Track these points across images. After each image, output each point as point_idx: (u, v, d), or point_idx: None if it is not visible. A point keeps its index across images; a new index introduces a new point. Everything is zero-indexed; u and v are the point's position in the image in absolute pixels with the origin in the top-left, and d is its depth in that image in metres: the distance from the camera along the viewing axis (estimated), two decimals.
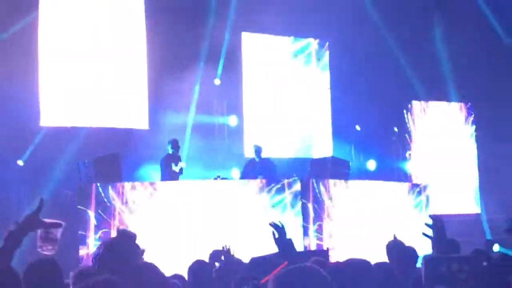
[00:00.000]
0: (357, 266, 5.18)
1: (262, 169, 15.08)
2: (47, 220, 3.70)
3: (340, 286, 3.73)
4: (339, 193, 14.20)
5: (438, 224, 4.62)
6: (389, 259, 6.26)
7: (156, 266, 3.94)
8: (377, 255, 6.37)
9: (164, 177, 14.43)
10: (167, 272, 6.97)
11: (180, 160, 14.78)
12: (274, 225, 4.86)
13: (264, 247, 6.86)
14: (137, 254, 4.17)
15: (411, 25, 18.91)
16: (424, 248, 8.19)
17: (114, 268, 3.83)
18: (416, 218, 14.85)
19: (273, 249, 5.14)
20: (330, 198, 14.06)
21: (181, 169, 14.59)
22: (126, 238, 4.19)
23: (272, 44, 18.80)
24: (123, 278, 3.56)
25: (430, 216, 4.62)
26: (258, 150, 15.59)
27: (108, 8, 16.90)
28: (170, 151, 14.81)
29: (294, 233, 13.22)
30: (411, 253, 5.91)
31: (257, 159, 15.52)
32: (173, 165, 14.51)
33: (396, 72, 19.14)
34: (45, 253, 3.79)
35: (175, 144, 14.88)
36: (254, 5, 17.06)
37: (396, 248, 6.04)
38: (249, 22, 17.91)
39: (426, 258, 3.68)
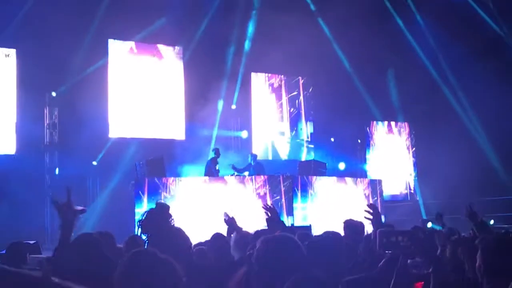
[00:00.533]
0: (331, 235, 5.24)
1: (256, 169, 14.79)
2: (78, 208, 3.40)
3: (319, 250, 3.87)
4: (319, 186, 14.22)
5: (375, 210, 4.63)
6: (345, 231, 6.33)
7: (182, 230, 3.78)
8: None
9: (207, 174, 14.24)
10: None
11: (218, 163, 14.53)
12: (266, 207, 4.81)
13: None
14: (168, 220, 3.97)
15: (371, 66, 18.83)
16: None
17: (150, 230, 3.75)
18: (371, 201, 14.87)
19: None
20: (313, 189, 14.10)
21: (218, 169, 14.41)
22: (161, 208, 4.04)
23: (271, 80, 18.78)
24: (157, 237, 3.52)
25: (368, 205, 4.60)
26: (254, 157, 15.41)
27: (157, 55, 16.98)
28: (213, 156, 14.60)
29: (287, 213, 13.35)
30: (360, 227, 5.94)
31: (252, 163, 15.14)
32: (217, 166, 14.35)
33: (360, 100, 19.08)
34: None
35: (217, 152, 14.68)
36: (259, 53, 17.07)
37: (350, 223, 6.07)
38: (256, 64, 17.87)
39: (379, 232, 3.60)
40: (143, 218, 3.95)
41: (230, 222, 5.50)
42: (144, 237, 3.64)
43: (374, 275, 3.36)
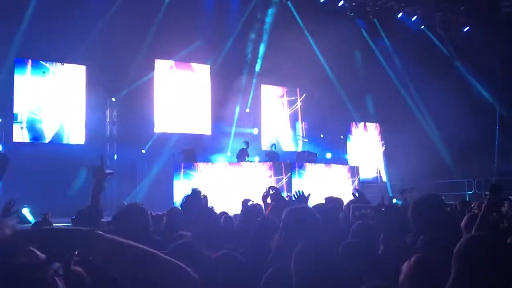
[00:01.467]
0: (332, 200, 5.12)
1: (273, 156, 14.73)
2: (108, 171, 3.24)
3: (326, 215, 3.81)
4: (311, 170, 14.24)
5: (359, 192, 4.62)
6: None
7: (212, 209, 3.73)
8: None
9: (239, 159, 14.10)
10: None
11: (248, 154, 14.27)
12: (271, 188, 4.63)
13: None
14: (200, 201, 3.87)
15: (352, 79, 18.80)
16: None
17: (188, 210, 3.68)
18: (349, 185, 14.88)
19: None
20: (306, 173, 14.14)
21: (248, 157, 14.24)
22: (194, 193, 3.92)
23: (276, 90, 18.78)
24: (192, 215, 3.44)
25: (353, 189, 4.59)
26: (274, 145, 15.44)
27: (191, 72, 16.96)
28: (244, 147, 14.48)
29: (287, 191, 13.36)
30: (339, 201, 5.86)
31: (274, 150, 15.15)
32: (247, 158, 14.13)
33: (343, 105, 19.07)
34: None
35: (247, 144, 14.60)
36: (268, 70, 17.08)
37: (330, 199, 5.97)
38: (265, 78, 17.80)
39: (352, 206, 3.55)
40: (183, 202, 3.92)
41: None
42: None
43: (362, 241, 3.34)
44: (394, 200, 14.27)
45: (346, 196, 8.32)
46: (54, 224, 7.13)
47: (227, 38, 17.08)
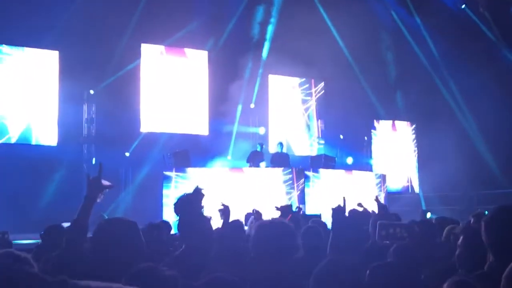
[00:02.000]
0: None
1: (282, 159, 14.68)
2: (106, 183, 3.21)
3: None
4: (328, 177, 14.18)
5: (379, 203, 4.59)
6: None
7: (209, 220, 3.67)
8: None
9: (249, 161, 14.19)
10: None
11: (263, 158, 14.36)
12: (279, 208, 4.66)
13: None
14: (200, 207, 3.71)
15: (377, 69, 18.77)
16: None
17: (182, 212, 3.59)
18: (376, 193, 14.79)
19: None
20: (324, 180, 14.07)
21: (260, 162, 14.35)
22: (197, 194, 3.76)
23: (286, 81, 18.72)
24: (186, 221, 3.43)
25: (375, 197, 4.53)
26: (281, 145, 15.26)
27: (185, 59, 16.95)
28: (258, 149, 14.56)
29: (299, 202, 13.30)
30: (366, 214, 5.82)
31: (281, 151, 15.09)
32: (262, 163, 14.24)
33: (367, 100, 19.00)
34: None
35: (261, 146, 14.67)
36: (276, 57, 17.04)
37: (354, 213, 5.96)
38: (273, 67, 17.81)
39: (379, 224, 3.59)
40: (179, 200, 3.82)
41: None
42: (176, 217, 3.57)
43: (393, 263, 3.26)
44: (429, 215, 14.26)
45: (370, 209, 8.26)
46: (16, 242, 7.09)
47: (228, 19, 17.10)
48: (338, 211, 4.30)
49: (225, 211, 5.03)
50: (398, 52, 19.16)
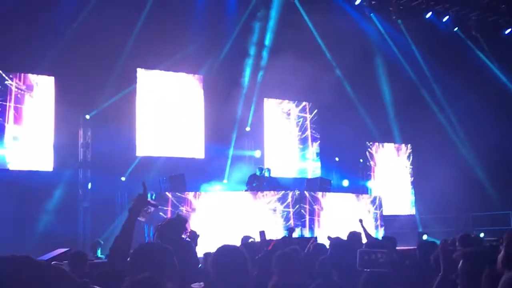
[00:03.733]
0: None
1: (270, 184, 14.76)
2: (151, 201, 3.43)
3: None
4: (324, 201, 14.22)
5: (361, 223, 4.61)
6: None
7: (191, 245, 3.64)
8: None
9: (248, 186, 14.32)
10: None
11: (263, 180, 14.46)
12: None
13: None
14: (181, 233, 3.80)
15: (371, 92, 18.86)
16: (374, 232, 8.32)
17: (163, 237, 3.61)
18: (371, 218, 14.83)
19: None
20: (319, 204, 14.09)
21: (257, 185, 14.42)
22: (179, 220, 3.90)
23: (282, 105, 18.77)
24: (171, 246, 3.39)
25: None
26: (268, 171, 15.24)
27: (180, 84, 17.05)
28: (258, 173, 14.65)
29: (295, 225, 13.32)
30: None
31: (267, 175, 15.03)
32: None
33: (362, 123, 19.06)
34: (141, 219, 3.53)
35: (261, 170, 14.75)
36: (271, 81, 17.15)
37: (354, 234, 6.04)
38: (269, 90, 17.87)
39: (360, 251, 3.55)
40: (161, 224, 3.82)
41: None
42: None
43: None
44: (425, 237, 14.26)
45: (368, 229, 8.33)
46: None
47: (223, 43, 17.24)
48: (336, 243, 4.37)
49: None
50: (393, 75, 19.31)
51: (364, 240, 7.60)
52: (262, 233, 6.90)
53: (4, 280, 1.49)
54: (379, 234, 14.62)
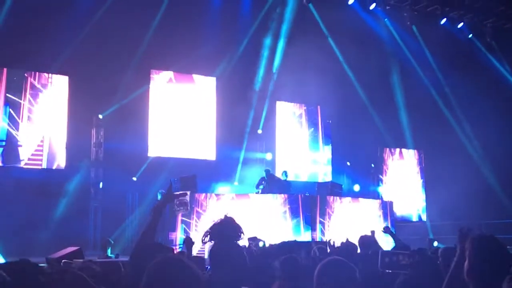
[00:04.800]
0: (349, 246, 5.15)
1: (284, 187, 14.72)
2: (177, 193, 3.58)
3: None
4: (335, 205, 14.19)
5: (388, 231, 4.62)
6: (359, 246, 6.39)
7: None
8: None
9: (257, 188, 14.37)
10: None
11: (263, 183, 14.50)
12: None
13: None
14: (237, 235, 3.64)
15: (384, 98, 18.82)
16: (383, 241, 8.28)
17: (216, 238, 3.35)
18: (381, 223, 14.76)
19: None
20: (330, 208, 14.06)
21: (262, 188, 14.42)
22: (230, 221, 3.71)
23: (294, 108, 18.73)
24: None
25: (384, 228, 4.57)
26: (285, 174, 15.27)
27: (193, 85, 17.07)
28: (264, 176, 14.73)
29: (305, 229, 13.31)
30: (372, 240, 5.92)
31: (284, 178, 15.11)
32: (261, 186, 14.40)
33: (374, 128, 18.99)
34: (181, 212, 3.65)
35: (267, 172, 14.83)
36: (284, 84, 17.17)
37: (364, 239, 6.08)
38: (282, 93, 17.87)
39: (381, 252, 3.60)
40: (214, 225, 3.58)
41: None
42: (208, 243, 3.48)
43: None
44: (436, 244, 14.17)
45: (377, 236, 8.28)
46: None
47: (237, 45, 17.27)
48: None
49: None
50: (406, 80, 19.26)
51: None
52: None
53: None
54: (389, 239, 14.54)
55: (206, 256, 6.59)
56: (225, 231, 3.45)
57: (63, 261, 6.65)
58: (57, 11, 13.95)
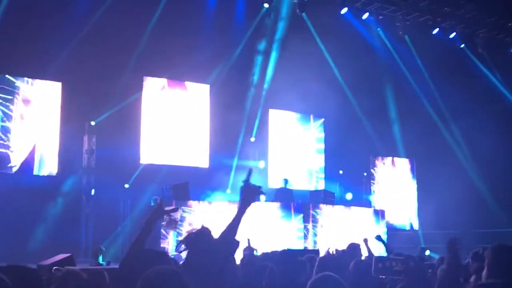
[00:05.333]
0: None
1: (286, 195, 14.78)
2: (167, 208, 3.48)
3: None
4: (327, 213, 14.17)
5: (380, 239, 4.65)
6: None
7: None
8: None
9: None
10: None
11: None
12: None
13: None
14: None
15: (376, 106, 18.88)
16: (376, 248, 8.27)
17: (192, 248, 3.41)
18: (375, 231, 14.75)
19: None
20: (322, 216, 14.04)
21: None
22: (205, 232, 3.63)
23: (287, 115, 18.74)
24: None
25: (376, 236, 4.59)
26: (286, 181, 15.30)
27: (186, 92, 17.05)
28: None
29: (297, 237, 13.28)
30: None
31: (284, 187, 15.13)
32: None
33: (366, 137, 19.04)
34: (170, 230, 3.57)
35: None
36: (277, 92, 17.18)
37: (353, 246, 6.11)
38: (275, 101, 17.92)
39: (375, 257, 3.61)
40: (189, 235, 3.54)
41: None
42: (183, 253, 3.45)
43: None
44: (428, 252, 14.18)
45: (370, 242, 8.27)
46: None
47: (230, 53, 17.29)
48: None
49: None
50: (398, 90, 19.34)
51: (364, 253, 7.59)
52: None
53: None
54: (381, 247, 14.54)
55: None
56: (199, 243, 3.41)
57: (54, 268, 6.58)
58: (50, 17, 13.94)
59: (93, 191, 15.14)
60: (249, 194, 3.32)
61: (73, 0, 14.67)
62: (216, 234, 4.39)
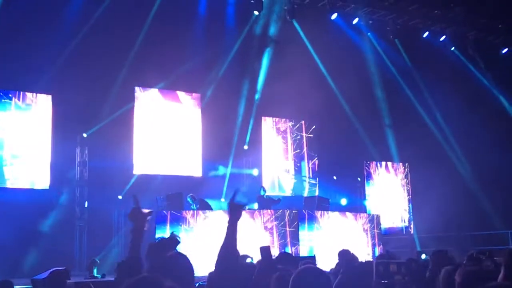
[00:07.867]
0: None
1: (267, 202, 14.84)
2: (145, 211, 3.33)
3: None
4: (322, 220, 14.18)
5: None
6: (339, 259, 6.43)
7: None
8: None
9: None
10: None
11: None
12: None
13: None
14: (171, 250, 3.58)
15: (369, 111, 18.94)
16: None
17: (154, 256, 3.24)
18: (369, 237, 14.78)
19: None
20: (317, 223, 14.05)
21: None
22: (171, 240, 3.64)
23: (279, 123, 18.72)
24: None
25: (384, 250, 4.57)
26: (263, 190, 15.39)
27: (178, 102, 17.05)
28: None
29: (291, 245, 13.27)
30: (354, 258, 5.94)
31: (265, 196, 15.19)
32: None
33: (359, 142, 19.08)
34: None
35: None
36: (268, 100, 17.23)
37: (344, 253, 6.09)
38: (267, 109, 17.96)
39: (377, 262, 3.61)
40: (155, 243, 3.63)
41: None
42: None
43: None
44: (423, 256, 14.20)
45: (364, 250, 8.31)
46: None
47: (222, 62, 17.35)
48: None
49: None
50: (390, 94, 19.39)
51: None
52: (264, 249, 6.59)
53: None
54: (377, 252, 14.58)
55: None
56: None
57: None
58: (41, 30, 13.97)
59: (86, 203, 15.15)
60: (234, 210, 3.40)
61: (63, 12, 14.71)
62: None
